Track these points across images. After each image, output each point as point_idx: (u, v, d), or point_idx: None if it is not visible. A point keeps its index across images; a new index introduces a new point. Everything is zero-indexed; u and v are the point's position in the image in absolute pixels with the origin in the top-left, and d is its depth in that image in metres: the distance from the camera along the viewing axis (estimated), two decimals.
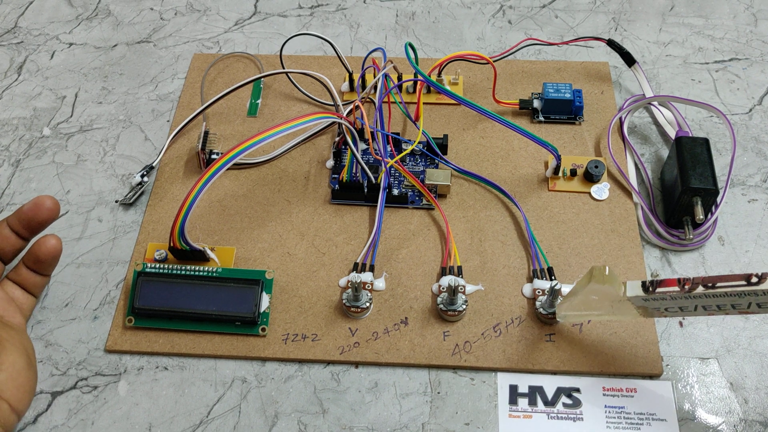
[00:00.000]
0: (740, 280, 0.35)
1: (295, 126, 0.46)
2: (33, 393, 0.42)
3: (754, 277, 0.35)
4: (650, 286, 0.38)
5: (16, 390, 0.40)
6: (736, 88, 0.60)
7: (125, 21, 0.68)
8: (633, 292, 0.39)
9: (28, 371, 0.42)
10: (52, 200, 0.45)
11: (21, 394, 0.41)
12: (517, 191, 0.53)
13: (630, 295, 0.39)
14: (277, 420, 0.44)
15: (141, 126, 0.59)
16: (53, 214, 0.45)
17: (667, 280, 0.38)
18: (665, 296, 0.38)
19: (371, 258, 0.50)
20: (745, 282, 0.35)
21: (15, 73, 0.64)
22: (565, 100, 0.56)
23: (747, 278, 0.35)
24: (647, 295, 0.38)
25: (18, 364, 0.41)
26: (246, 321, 0.47)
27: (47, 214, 0.45)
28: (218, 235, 0.52)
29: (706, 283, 0.36)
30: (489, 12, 0.67)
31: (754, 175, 0.54)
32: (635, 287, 0.39)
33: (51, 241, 0.45)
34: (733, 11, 0.66)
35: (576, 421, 0.44)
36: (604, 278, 0.38)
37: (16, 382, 0.41)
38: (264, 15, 0.68)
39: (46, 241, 0.45)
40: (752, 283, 0.35)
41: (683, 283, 0.37)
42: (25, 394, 0.41)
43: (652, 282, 0.38)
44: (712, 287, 0.36)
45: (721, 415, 0.44)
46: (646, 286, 0.38)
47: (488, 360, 0.46)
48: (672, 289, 0.37)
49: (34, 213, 0.45)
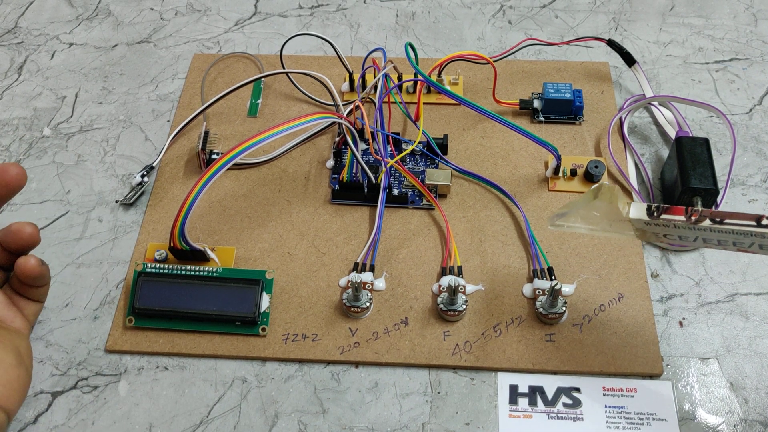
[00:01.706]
0: (750, 219, 0.34)
1: (295, 126, 0.46)
2: (23, 392, 0.42)
3: (765, 219, 0.34)
4: (655, 210, 0.37)
5: (2, 387, 0.40)
6: (736, 88, 0.60)
7: (125, 21, 0.68)
8: (637, 214, 0.37)
9: (17, 369, 0.41)
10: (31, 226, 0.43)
11: (8, 392, 0.40)
12: (517, 191, 0.53)
13: (633, 217, 0.37)
14: (277, 420, 0.44)
15: (141, 126, 0.59)
16: (34, 240, 0.43)
17: (674, 208, 0.36)
18: (668, 223, 0.36)
19: (371, 258, 0.50)
20: (755, 223, 0.34)
21: (15, 73, 0.64)
22: (565, 100, 0.56)
23: (758, 219, 0.34)
24: (651, 219, 0.37)
25: (6, 361, 0.40)
26: (246, 321, 0.47)
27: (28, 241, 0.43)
28: (218, 235, 0.52)
29: (714, 217, 0.35)
30: (489, 12, 0.67)
31: (754, 175, 0.54)
32: (640, 209, 0.37)
33: (30, 261, 0.43)
34: (733, 11, 0.66)
35: (576, 421, 0.44)
36: (611, 197, 0.37)
37: (3, 379, 0.40)
38: (264, 15, 0.68)
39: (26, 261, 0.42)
40: (762, 225, 0.34)
41: (690, 213, 0.35)
42: (13, 392, 0.40)
43: (658, 207, 0.37)
44: (720, 222, 0.35)
45: (721, 415, 0.44)
46: (651, 210, 0.37)
47: (488, 360, 0.46)
48: (677, 217, 0.36)
49: (12, 239, 0.42)
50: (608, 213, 0.38)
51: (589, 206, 0.39)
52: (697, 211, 0.35)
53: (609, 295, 0.48)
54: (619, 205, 0.37)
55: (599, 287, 0.48)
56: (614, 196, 0.37)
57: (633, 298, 0.48)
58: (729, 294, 0.49)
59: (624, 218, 0.38)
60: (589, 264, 0.50)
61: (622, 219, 0.38)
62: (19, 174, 0.42)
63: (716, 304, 0.48)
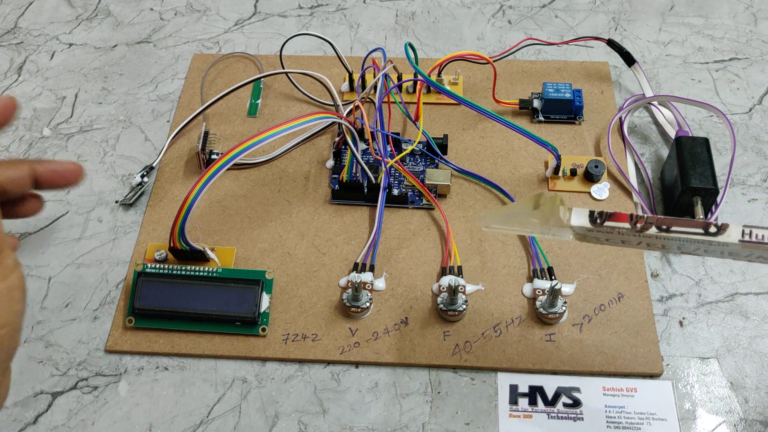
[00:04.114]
0: (698, 227, 0.33)
1: (295, 126, 0.46)
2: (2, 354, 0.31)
3: (713, 226, 0.33)
4: (599, 217, 0.35)
5: None
6: (736, 88, 0.60)
7: (125, 21, 0.68)
8: (579, 221, 0.36)
9: None
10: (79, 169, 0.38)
11: None
12: (517, 191, 0.53)
13: (575, 224, 0.36)
14: (277, 420, 0.44)
15: (141, 126, 0.59)
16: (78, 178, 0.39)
17: (618, 214, 0.35)
18: (612, 230, 0.35)
19: (371, 258, 0.50)
20: (702, 231, 0.33)
21: (15, 73, 0.64)
22: (565, 100, 0.56)
23: (705, 226, 0.33)
24: (594, 227, 0.36)
25: None
26: (246, 321, 0.47)
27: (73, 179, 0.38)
28: (218, 235, 0.52)
29: (660, 225, 0.34)
30: (489, 12, 0.67)
31: (754, 175, 0.54)
32: (582, 216, 0.36)
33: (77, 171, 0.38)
34: (732, 11, 0.66)
35: (576, 421, 0.44)
36: (553, 207, 0.36)
37: None
38: (264, 15, 0.68)
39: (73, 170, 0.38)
40: (710, 233, 0.33)
41: (635, 220, 0.35)
42: None
43: (601, 213, 0.36)
44: (666, 230, 0.34)
45: (722, 415, 0.44)
46: (594, 218, 0.36)
47: (488, 360, 0.46)
48: (622, 225, 0.35)
49: (57, 179, 0.38)
50: (548, 220, 0.37)
51: (528, 214, 0.38)
52: (643, 217, 0.35)
53: (609, 294, 0.48)
54: (561, 212, 0.36)
55: (599, 287, 0.48)
56: (555, 207, 0.36)
57: (633, 298, 0.48)
58: (729, 294, 0.49)
59: (565, 225, 0.37)
60: (589, 264, 0.50)
61: (563, 225, 0.37)
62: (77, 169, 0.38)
63: (716, 304, 0.48)
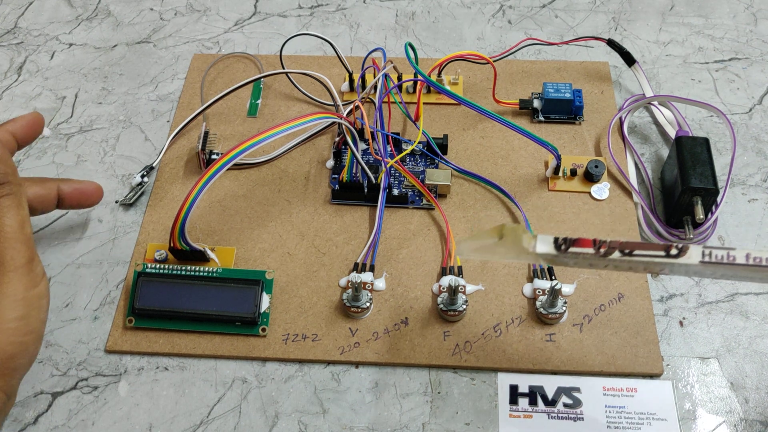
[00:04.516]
0: (659, 250, 0.34)
1: (295, 126, 0.46)
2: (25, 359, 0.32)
3: (673, 248, 0.34)
4: (563, 244, 0.36)
5: None
6: (736, 88, 0.60)
7: (125, 21, 0.68)
8: (544, 249, 0.37)
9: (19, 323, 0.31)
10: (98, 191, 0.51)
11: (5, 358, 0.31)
12: (517, 191, 0.53)
13: (540, 252, 0.37)
14: (277, 420, 0.44)
15: (141, 126, 0.59)
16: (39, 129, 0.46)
17: (581, 240, 0.36)
18: (577, 256, 0.36)
19: (371, 258, 0.50)
20: (663, 253, 0.34)
21: (15, 73, 0.64)
22: (565, 100, 0.56)
23: (666, 249, 0.34)
24: (559, 253, 0.36)
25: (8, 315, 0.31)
26: (246, 321, 0.47)
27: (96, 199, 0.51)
28: (218, 235, 0.52)
29: (623, 249, 0.35)
30: (489, 12, 0.67)
31: (755, 175, 0.54)
32: (547, 243, 0.37)
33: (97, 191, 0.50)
34: (733, 11, 0.66)
35: (576, 421, 0.44)
36: (515, 238, 0.37)
37: None
38: (264, 15, 0.68)
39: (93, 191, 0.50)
40: (671, 255, 0.34)
41: (599, 245, 0.35)
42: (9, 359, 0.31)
43: (566, 240, 0.36)
44: (630, 254, 0.35)
45: (722, 415, 0.44)
46: (559, 244, 0.36)
47: (488, 360, 0.46)
48: (586, 250, 0.36)
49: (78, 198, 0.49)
50: (513, 250, 0.38)
51: (495, 244, 0.39)
52: (605, 242, 0.35)
53: (609, 294, 0.48)
54: (524, 241, 0.37)
55: (599, 287, 0.48)
56: (518, 238, 0.37)
57: (633, 298, 0.48)
58: (729, 294, 0.49)
59: (530, 253, 0.37)
60: None
61: (528, 254, 0.38)
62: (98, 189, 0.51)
63: (716, 304, 0.48)
